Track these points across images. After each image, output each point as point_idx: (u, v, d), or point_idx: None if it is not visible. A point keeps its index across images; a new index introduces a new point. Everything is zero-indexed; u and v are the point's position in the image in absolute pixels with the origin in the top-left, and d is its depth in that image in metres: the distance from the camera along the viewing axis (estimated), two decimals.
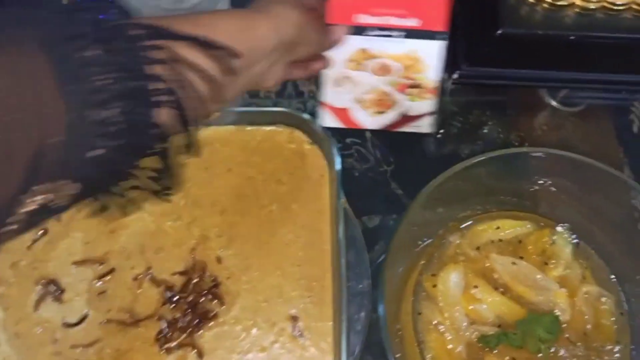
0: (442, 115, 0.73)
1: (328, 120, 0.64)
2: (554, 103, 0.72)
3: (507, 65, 0.68)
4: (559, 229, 0.58)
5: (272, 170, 0.58)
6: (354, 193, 0.57)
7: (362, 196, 0.65)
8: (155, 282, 0.52)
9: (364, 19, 0.61)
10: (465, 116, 0.73)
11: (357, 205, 0.58)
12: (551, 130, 0.72)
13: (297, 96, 0.70)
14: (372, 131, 0.67)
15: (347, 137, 0.67)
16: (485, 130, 0.73)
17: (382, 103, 0.63)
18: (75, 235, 0.53)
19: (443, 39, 0.61)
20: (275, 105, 0.67)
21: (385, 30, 0.60)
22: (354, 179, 0.65)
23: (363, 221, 0.62)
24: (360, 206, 0.60)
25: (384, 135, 0.68)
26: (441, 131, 0.73)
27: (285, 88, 0.69)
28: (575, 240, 0.58)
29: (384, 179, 0.67)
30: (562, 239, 0.58)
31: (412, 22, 0.60)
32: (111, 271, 0.52)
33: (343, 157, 0.67)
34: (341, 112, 0.64)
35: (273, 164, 0.58)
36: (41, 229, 0.53)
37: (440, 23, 0.60)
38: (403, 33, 0.60)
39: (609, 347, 0.54)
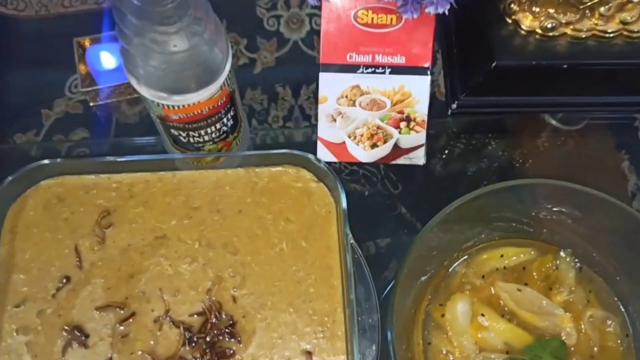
0: (446, 136, 0.75)
1: (324, 154, 0.67)
2: (554, 122, 0.74)
3: (504, 94, 0.70)
4: (562, 254, 0.60)
5: (281, 210, 0.60)
6: (364, 217, 0.59)
7: (371, 220, 0.67)
8: (175, 323, 0.55)
9: (354, 58, 0.64)
10: (468, 137, 0.75)
11: (367, 229, 0.60)
12: (553, 147, 0.74)
13: (304, 119, 0.73)
14: None
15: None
16: (489, 148, 0.75)
17: (375, 137, 0.66)
18: (96, 281, 0.56)
19: (429, 73, 0.64)
20: (283, 128, 0.71)
21: (374, 68, 0.63)
22: (363, 204, 0.68)
23: (376, 242, 0.65)
24: (370, 230, 0.62)
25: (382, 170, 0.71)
26: (446, 152, 0.75)
27: (292, 112, 0.73)
28: (578, 265, 0.60)
29: (393, 202, 0.69)
30: (566, 264, 0.60)
31: (398, 60, 0.63)
32: (132, 315, 0.55)
33: (351, 182, 0.70)
34: (336, 147, 0.67)
35: (281, 203, 0.60)
36: (64, 278, 0.56)
37: (425, 59, 0.63)
38: (390, 69, 0.63)
39: None
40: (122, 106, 0.73)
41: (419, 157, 0.66)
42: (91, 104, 0.73)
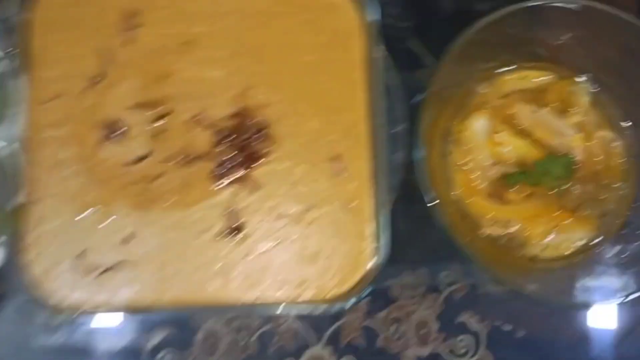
0: None
1: None
2: None
3: None
4: (578, 79, 0.62)
5: (309, 20, 0.60)
6: None
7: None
8: (208, 124, 0.57)
9: None
10: None
11: None
12: None
13: None
14: None
15: None
16: None
17: None
18: (128, 81, 0.57)
19: None
20: None
21: None
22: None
23: None
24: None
25: None
26: None
27: None
28: (593, 90, 0.62)
29: (405, 35, 0.69)
30: (582, 89, 0.62)
31: None
32: (166, 114, 0.56)
33: None
34: None
35: (309, 13, 0.60)
36: (96, 76, 0.56)
37: None
38: None
39: (617, 184, 0.61)
40: None
41: None
42: None
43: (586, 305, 0.58)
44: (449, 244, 0.56)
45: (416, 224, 0.63)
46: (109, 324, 0.61)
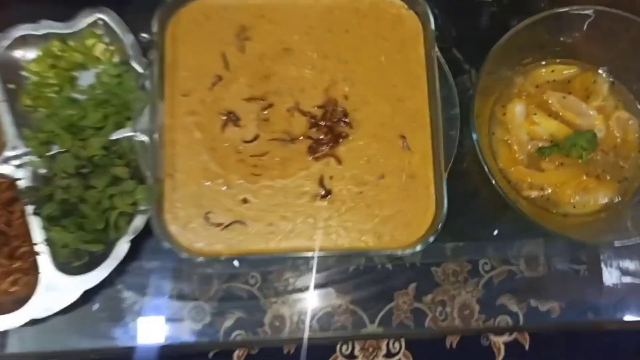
0: None
1: None
2: None
3: None
4: (599, 71, 0.76)
5: (379, 30, 0.75)
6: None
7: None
8: (302, 112, 0.72)
9: None
10: None
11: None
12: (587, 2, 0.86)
13: None
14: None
15: None
16: (533, 1, 0.86)
17: None
18: (241, 80, 0.73)
19: None
20: None
21: None
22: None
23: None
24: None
25: (447, 8, 0.82)
26: (496, 4, 0.87)
27: None
28: (611, 79, 0.76)
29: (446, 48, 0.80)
30: (601, 79, 0.76)
31: None
32: (270, 105, 0.72)
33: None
34: None
35: (379, 25, 0.75)
36: (217, 76, 0.72)
37: None
38: None
39: (633, 154, 0.74)
40: None
41: None
42: None
43: (609, 244, 0.71)
44: (492, 218, 0.69)
45: (464, 198, 0.75)
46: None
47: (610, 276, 0.77)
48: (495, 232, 0.79)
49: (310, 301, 0.76)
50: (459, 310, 0.76)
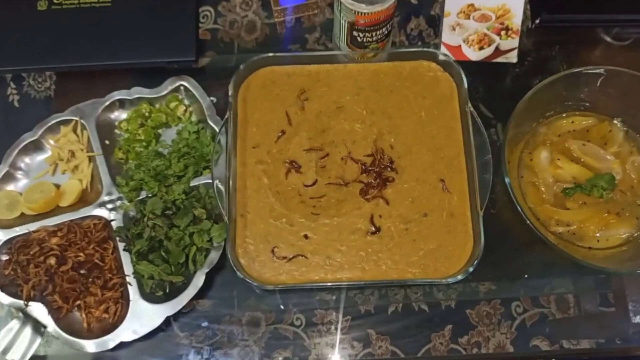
0: (520, 53, 0.99)
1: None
2: (608, 39, 0.98)
3: (574, 12, 0.94)
4: (614, 121, 0.86)
5: (418, 90, 0.88)
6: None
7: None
8: (354, 160, 0.84)
9: None
10: (537, 53, 0.97)
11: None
12: (604, 60, 0.97)
13: (419, 39, 0.98)
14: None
15: None
16: (552, 64, 0.98)
17: (483, 41, 0.92)
18: (301, 134, 0.85)
19: None
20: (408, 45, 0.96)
21: None
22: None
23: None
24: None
25: (475, 70, 0.92)
26: (519, 65, 0.99)
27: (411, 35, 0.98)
28: (625, 129, 0.86)
29: (475, 104, 0.90)
30: (616, 128, 0.86)
31: None
32: (327, 155, 0.84)
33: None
34: (455, 49, 0.93)
35: (419, 86, 0.88)
36: (281, 131, 0.85)
37: None
38: None
39: None
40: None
41: (512, 57, 0.92)
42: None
43: (632, 272, 0.78)
44: (523, 252, 0.77)
45: (498, 234, 0.84)
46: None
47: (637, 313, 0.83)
48: (526, 276, 0.85)
49: (352, 342, 0.83)
50: (494, 351, 0.82)
